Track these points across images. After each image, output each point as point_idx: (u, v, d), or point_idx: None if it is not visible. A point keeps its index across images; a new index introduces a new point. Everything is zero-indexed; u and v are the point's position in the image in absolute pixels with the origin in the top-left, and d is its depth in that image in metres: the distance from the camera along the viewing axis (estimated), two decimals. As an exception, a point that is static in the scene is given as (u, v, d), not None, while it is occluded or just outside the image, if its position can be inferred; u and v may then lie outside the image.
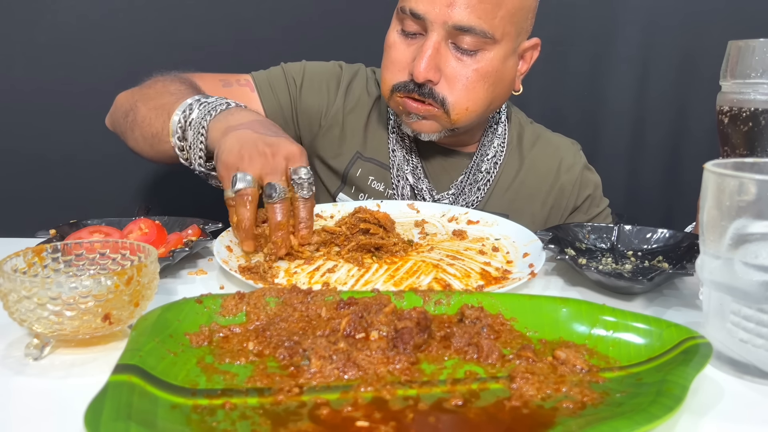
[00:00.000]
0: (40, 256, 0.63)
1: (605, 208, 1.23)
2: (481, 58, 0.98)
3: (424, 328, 0.56)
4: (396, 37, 1.02)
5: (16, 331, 0.61)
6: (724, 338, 0.55)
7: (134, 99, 1.04)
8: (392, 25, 1.04)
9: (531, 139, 1.21)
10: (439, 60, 0.98)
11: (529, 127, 1.23)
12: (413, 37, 1.00)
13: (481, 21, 0.95)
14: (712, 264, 0.55)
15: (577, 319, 0.59)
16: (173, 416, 0.45)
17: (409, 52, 1.00)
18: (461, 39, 0.97)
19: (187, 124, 0.92)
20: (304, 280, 0.76)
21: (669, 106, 1.64)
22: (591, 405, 0.47)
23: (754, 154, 0.72)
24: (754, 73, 0.69)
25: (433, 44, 0.96)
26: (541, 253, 0.80)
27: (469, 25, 0.94)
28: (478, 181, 1.14)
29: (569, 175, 1.18)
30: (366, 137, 1.16)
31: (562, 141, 1.24)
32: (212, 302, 0.61)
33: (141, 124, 1.00)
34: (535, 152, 1.19)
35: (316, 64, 1.20)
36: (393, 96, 1.03)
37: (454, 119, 1.01)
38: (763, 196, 0.50)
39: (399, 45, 1.02)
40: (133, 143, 1.04)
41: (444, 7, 0.94)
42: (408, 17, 0.98)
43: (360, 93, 1.18)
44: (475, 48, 0.97)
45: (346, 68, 1.20)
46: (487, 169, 1.15)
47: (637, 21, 1.60)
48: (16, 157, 1.56)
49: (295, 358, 0.53)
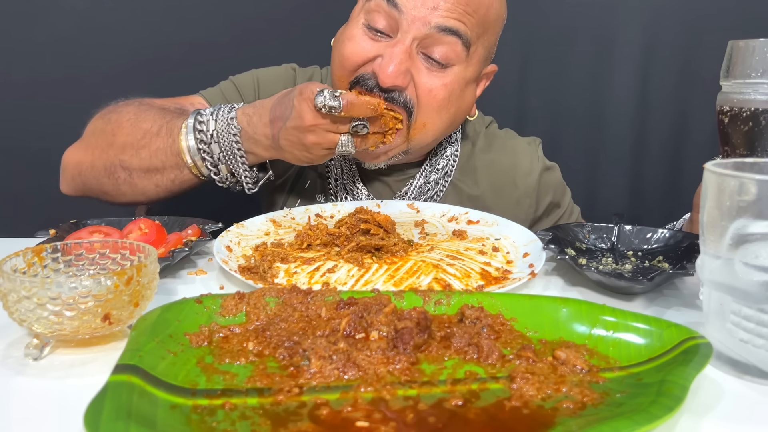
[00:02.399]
0: (39, 256, 0.63)
1: (568, 203, 1.19)
2: (449, 73, 0.92)
3: (424, 328, 0.56)
4: (358, 30, 0.93)
5: (16, 331, 0.61)
6: (725, 338, 0.55)
7: (112, 154, 0.95)
8: (354, 19, 0.95)
9: (485, 146, 1.14)
10: (410, 65, 0.90)
11: (483, 132, 1.16)
12: (379, 35, 0.91)
13: (465, 28, 0.90)
14: (713, 264, 0.55)
15: (577, 319, 0.59)
16: (173, 416, 0.45)
17: (371, 49, 0.91)
18: (433, 49, 0.90)
19: (217, 159, 0.92)
20: (304, 280, 0.76)
21: (669, 106, 1.64)
22: (591, 405, 0.47)
23: (755, 154, 0.72)
24: (754, 73, 0.69)
25: (405, 48, 0.89)
26: (541, 253, 0.80)
27: (454, 27, 0.89)
28: (427, 193, 1.09)
29: (526, 185, 1.12)
30: None
31: (517, 145, 1.16)
32: (212, 302, 0.61)
33: (147, 175, 0.95)
34: (490, 161, 1.13)
35: (268, 72, 1.14)
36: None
37: (412, 134, 0.95)
38: (763, 196, 0.50)
39: (361, 38, 0.92)
40: (133, 197, 0.98)
41: (428, 8, 0.88)
42: (381, 11, 0.89)
43: None
44: (446, 61, 0.91)
45: (300, 72, 1.14)
46: (436, 180, 1.08)
47: (638, 21, 1.60)
48: (16, 156, 1.56)
49: (295, 358, 0.53)
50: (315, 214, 0.99)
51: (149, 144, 0.94)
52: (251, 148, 0.92)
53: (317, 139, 0.85)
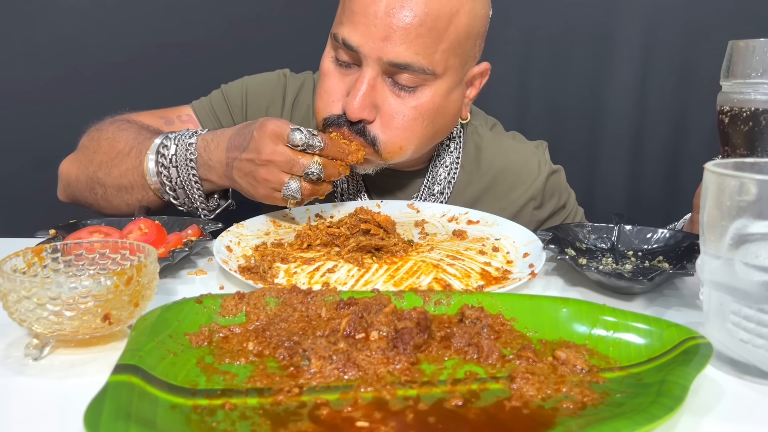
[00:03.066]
0: (39, 256, 0.63)
1: (573, 205, 1.18)
2: (420, 94, 0.90)
3: (424, 329, 0.56)
4: (329, 65, 0.93)
5: (16, 331, 0.61)
6: (725, 338, 0.55)
7: (91, 170, 0.98)
8: (327, 49, 0.95)
9: (490, 150, 1.12)
10: (374, 97, 0.89)
11: (487, 135, 1.14)
12: (347, 68, 0.91)
13: (420, 57, 0.86)
14: (713, 264, 0.55)
15: (577, 319, 0.59)
16: (173, 416, 0.45)
17: (343, 84, 0.92)
18: (399, 75, 0.88)
19: (175, 184, 0.93)
20: (304, 280, 0.76)
21: (669, 106, 1.64)
22: (591, 405, 0.47)
23: (755, 154, 0.72)
24: (754, 73, 0.69)
25: (368, 80, 0.87)
26: (541, 253, 0.80)
27: (406, 62, 0.86)
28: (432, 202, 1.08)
29: (532, 189, 1.11)
30: None
31: (524, 149, 1.15)
32: (212, 302, 0.61)
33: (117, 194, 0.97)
34: (495, 166, 1.11)
35: (258, 80, 1.13)
36: (325, 130, 0.93)
37: (386, 158, 0.93)
38: (764, 196, 0.50)
39: (332, 74, 0.93)
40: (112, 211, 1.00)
41: (379, 41, 0.85)
42: (341, 47, 0.89)
43: (309, 105, 1.11)
44: (414, 84, 0.89)
45: (291, 79, 1.13)
46: (440, 190, 1.08)
47: (638, 21, 1.60)
48: (16, 157, 1.56)
49: (295, 358, 0.53)
50: (315, 214, 0.99)
51: (120, 163, 0.96)
52: (206, 175, 0.92)
53: (268, 175, 0.84)
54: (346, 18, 0.88)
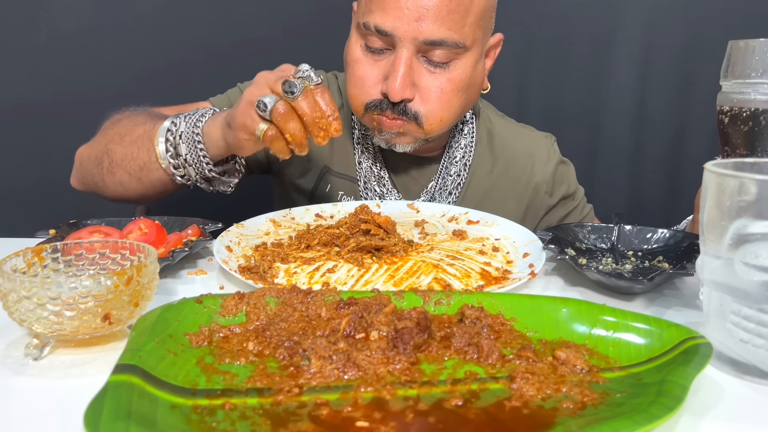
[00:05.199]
0: (39, 256, 0.63)
1: (581, 199, 1.21)
2: (454, 68, 0.96)
3: (424, 328, 0.56)
4: (360, 53, 0.97)
5: (16, 331, 0.61)
6: (725, 338, 0.55)
7: (104, 143, 1.00)
8: (353, 38, 0.99)
9: (502, 135, 1.17)
10: (412, 76, 0.94)
11: (499, 121, 1.19)
12: (379, 53, 0.96)
13: (452, 32, 0.92)
14: (713, 264, 0.55)
15: (577, 319, 0.59)
16: (173, 416, 0.45)
17: (377, 69, 0.96)
18: (432, 52, 0.93)
19: (179, 139, 0.91)
20: (304, 280, 0.76)
21: (669, 106, 1.64)
22: (591, 405, 0.47)
23: (755, 154, 0.71)
24: (754, 73, 0.69)
25: (405, 61, 0.92)
26: (541, 253, 0.80)
27: (441, 38, 0.91)
28: (449, 185, 1.11)
29: (543, 173, 1.15)
30: (332, 151, 1.12)
31: (534, 135, 1.20)
32: (212, 302, 0.61)
33: (122, 162, 0.96)
34: (507, 150, 1.15)
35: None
36: (366, 114, 0.99)
37: (428, 130, 0.99)
38: (763, 196, 0.50)
39: (364, 61, 0.97)
40: (115, 188, 0.99)
41: (412, 21, 0.90)
42: (372, 33, 0.93)
43: None
44: (448, 59, 0.94)
45: None
46: (456, 172, 1.12)
47: (638, 21, 1.60)
48: (16, 157, 1.56)
49: (295, 358, 0.53)
50: (315, 214, 0.99)
51: (132, 131, 0.97)
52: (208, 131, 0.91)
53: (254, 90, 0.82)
54: (375, 6, 0.93)
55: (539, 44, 1.64)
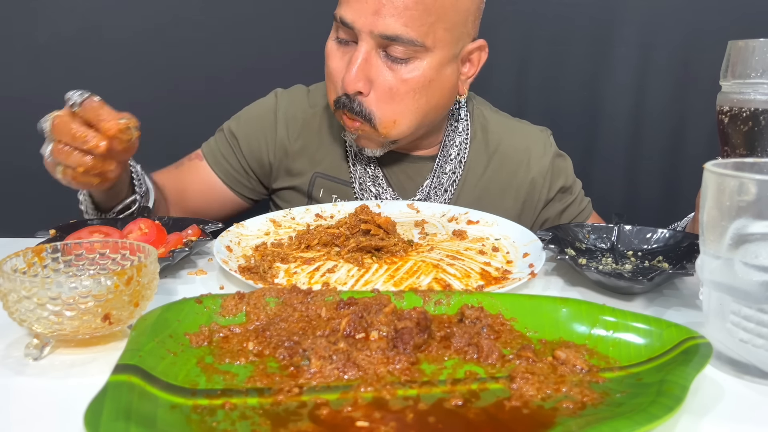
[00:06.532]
0: (40, 256, 0.63)
1: (579, 192, 1.21)
2: (412, 67, 0.95)
3: (424, 328, 0.56)
4: (332, 45, 0.99)
5: (16, 331, 0.61)
6: (724, 338, 0.55)
7: None
8: (331, 32, 1.01)
9: (497, 131, 1.16)
10: (368, 70, 0.94)
11: (493, 117, 1.18)
12: (347, 45, 0.97)
13: (409, 29, 0.91)
14: (712, 264, 0.55)
15: (577, 319, 0.59)
16: (173, 416, 0.45)
17: (343, 62, 0.97)
18: (392, 48, 0.93)
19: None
20: (304, 280, 0.76)
21: (669, 106, 1.64)
22: (591, 405, 0.47)
23: (754, 154, 0.72)
24: (754, 73, 0.69)
25: (363, 53, 0.93)
26: (541, 253, 0.80)
27: (395, 33, 0.91)
28: (444, 183, 1.11)
29: (540, 167, 1.15)
30: (321, 156, 1.13)
31: (530, 129, 1.19)
32: (212, 302, 0.61)
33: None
34: (503, 145, 1.15)
35: (250, 109, 1.17)
36: (336, 112, 1.01)
37: (383, 133, 0.99)
38: (763, 196, 0.50)
39: (335, 54, 0.99)
40: None
41: (370, 15, 0.91)
42: (340, 25, 0.95)
43: (303, 114, 1.14)
44: (406, 56, 0.94)
45: (282, 96, 1.16)
46: (452, 170, 1.12)
47: (637, 21, 1.60)
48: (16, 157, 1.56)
49: (295, 358, 0.53)
50: (315, 214, 0.99)
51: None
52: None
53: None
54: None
55: (538, 43, 1.63)
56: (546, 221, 1.19)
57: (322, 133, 1.13)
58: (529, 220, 1.17)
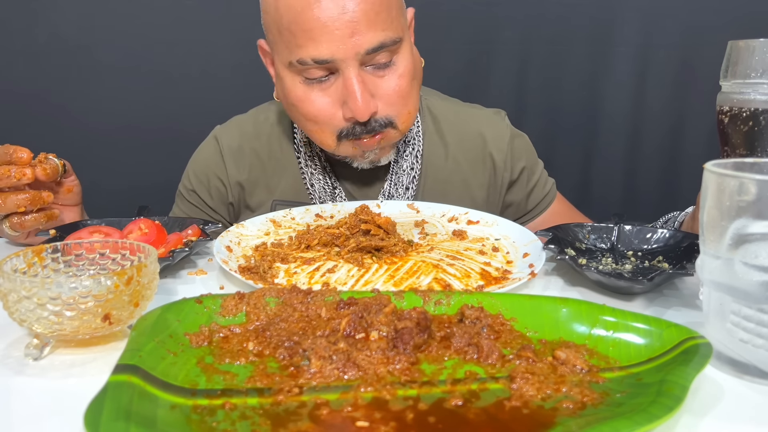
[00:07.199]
0: (40, 256, 0.63)
1: (542, 172, 1.20)
2: (399, 63, 0.95)
3: (424, 328, 0.56)
4: (302, 90, 0.94)
5: (16, 331, 0.61)
6: (724, 338, 0.55)
7: None
8: (287, 79, 0.95)
9: (448, 119, 1.15)
10: (368, 89, 0.92)
11: (443, 105, 1.17)
12: (322, 81, 0.93)
13: (387, 32, 0.90)
14: (712, 264, 0.55)
15: (577, 319, 0.59)
16: (173, 416, 0.45)
17: (327, 97, 0.93)
18: (374, 58, 0.92)
19: None
20: (304, 280, 0.76)
21: (669, 105, 1.64)
22: (591, 405, 0.47)
23: (754, 154, 0.72)
24: (754, 73, 0.69)
25: (356, 78, 0.90)
26: (541, 253, 0.80)
27: (380, 42, 0.89)
28: (404, 181, 1.10)
29: (498, 150, 1.13)
30: (275, 183, 1.12)
31: (483, 113, 1.18)
32: (212, 302, 0.61)
33: None
34: (456, 132, 1.14)
35: (196, 158, 1.16)
36: (341, 144, 0.97)
37: (404, 130, 0.99)
38: (763, 196, 0.50)
39: (311, 96, 0.94)
40: None
41: (348, 39, 0.87)
42: (310, 66, 0.90)
43: (249, 144, 1.13)
44: (389, 59, 0.93)
45: (221, 133, 1.14)
46: (410, 166, 1.10)
47: (636, 21, 1.60)
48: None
49: (295, 358, 0.53)
50: (315, 214, 0.99)
51: None
52: None
53: None
54: (302, 40, 0.89)
55: (537, 43, 1.64)
56: (511, 205, 1.18)
57: (272, 160, 1.12)
58: (496, 203, 1.16)
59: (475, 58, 1.60)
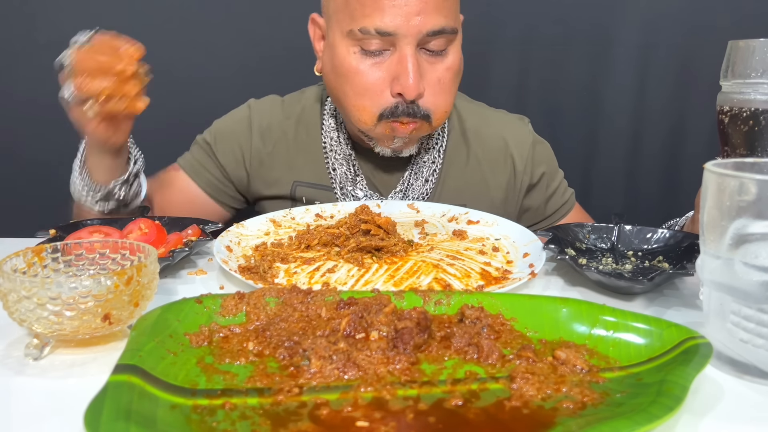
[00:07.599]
0: (40, 256, 0.63)
1: (562, 181, 1.21)
2: (450, 55, 0.97)
3: (424, 328, 0.56)
4: (357, 60, 0.95)
5: (16, 331, 0.61)
6: (725, 338, 0.55)
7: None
8: (341, 48, 0.96)
9: (474, 122, 1.16)
10: (420, 70, 0.94)
11: (470, 108, 1.19)
12: (379, 55, 0.94)
13: (449, 19, 0.94)
14: (712, 264, 0.55)
15: (577, 319, 0.59)
16: (173, 416, 0.45)
17: (379, 73, 0.95)
18: (432, 43, 0.94)
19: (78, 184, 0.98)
20: (304, 280, 0.76)
21: (669, 105, 1.64)
22: (591, 405, 0.47)
23: (755, 154, 0.72)
24: (754, 73, 0.69)
25: (411, 56, 0.92)
26: (541, 253, 0.80)
27: (441, 26, 0.92)
28: (425, 173, 1.10)
29: (519, 155, 1.15)
30: (299, 165, 1.12)
31: (508, 118, 1.19)
32: (212, 302, 0.61)
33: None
34: (481, 135, 1.15)
35: (224, 120, 1.17)
36: (380, 124, 0.97)
37: (436, 126, 1.00)
38: (763, 196, 0.50)
39: (363, 68, 0.95)
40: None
41: (414, 16, 0.90)
42: (371, 36, 0.92)
43: (278, 125, 1.13)
44: (443, 47, 0.96)
45: (255, 106, 1.16)
46: (431, 159, 1.11)
47: (637, 21, 1.60)
48: (16, 157, 1.56)
49: (295, 358, 0.53)
50: (315, 214, 0.99)
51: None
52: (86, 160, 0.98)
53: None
54: (369, 9, 0.92)
55: (538, 44, 1.63)
56: (529, 210, 1.19)
57: (298, 142, 1.13)
58: (513, 208, 1.17)
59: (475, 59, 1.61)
